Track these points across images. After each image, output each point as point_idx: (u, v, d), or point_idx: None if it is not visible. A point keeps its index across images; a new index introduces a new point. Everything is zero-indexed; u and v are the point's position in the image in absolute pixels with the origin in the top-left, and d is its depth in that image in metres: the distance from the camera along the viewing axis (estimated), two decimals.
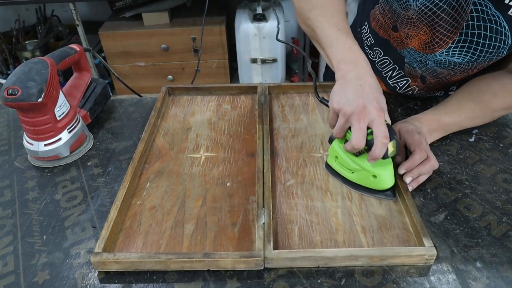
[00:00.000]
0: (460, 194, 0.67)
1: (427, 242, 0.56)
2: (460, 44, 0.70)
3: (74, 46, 0.83)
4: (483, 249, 0.58)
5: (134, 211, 0.65)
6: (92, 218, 0.65)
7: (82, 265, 0.58)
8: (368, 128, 0.59)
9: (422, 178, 0.67)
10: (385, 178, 0.64)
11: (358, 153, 0.64)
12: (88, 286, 0.55)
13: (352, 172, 0.66)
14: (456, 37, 0.69)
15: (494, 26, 0.65)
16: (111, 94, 0.94)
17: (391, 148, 0.60)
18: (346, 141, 0.63)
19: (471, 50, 0.70)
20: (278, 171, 0.71)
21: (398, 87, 0.89)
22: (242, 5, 2.31)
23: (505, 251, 0.58)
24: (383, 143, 0.57)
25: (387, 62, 0.86)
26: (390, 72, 0.87)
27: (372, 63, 0.76)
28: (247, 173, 0.71)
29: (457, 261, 0.57)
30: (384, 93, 0.64)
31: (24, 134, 0.76)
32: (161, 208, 0.65)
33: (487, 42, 0.67)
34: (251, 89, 0.94)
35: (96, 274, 0.57)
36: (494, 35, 0.66)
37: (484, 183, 0.69)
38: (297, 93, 0.93)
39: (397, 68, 0.85)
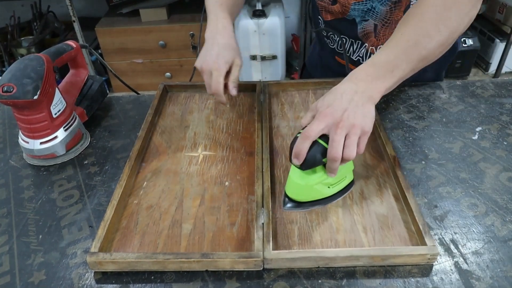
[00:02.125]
0: (463, 193, 0.67)
1: (430, 241, 0.56)
2: None
3: (71, 42, 0.83)
4: (487, 248, 0.58)
5: (131, 210, 0.65)
6: (89, 217, 0.65)
7: (79, 265, 0.58)
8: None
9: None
10: (289, 183, 0.64)
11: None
12: (85, 286, 0.55)
13: (328, 187, 0.64)
14: None
15: None
16: (108, 91, 0.94)
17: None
18: None
19: None
20: (278, 170, 0.72)
21: (361, 58, 0.92)
22: None
23: (509, 250, 0.58)
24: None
25: (345, 40, 0.92)
26: (351, 48, 0.91)
27: (335, 50, 0.87)
28: (246, 172, 0.71)
29: (460, 261, 0.57)
30: None
31: (20, 132, 0.76)
32: (158, 208, 0.65)
33: None
34: (250, 87, 0.93)
35: (93, 274, 0.57)
36: None
37: (487, 182, 0.69)
38: (297, 91, 0.93)
39: (354, 40, 0.90)
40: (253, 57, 2.28)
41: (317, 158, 0.58)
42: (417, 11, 0.66)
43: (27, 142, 0.74)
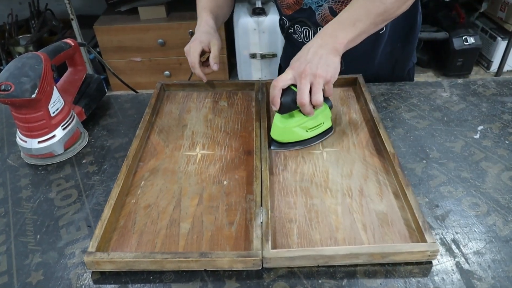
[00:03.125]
0: (465, 193, 0.67)
1: (430, 238, 0.56)
2: None
3: (69, 40, 0.83)
4: (489, 248, 0.58)
5: (129, 209, 0.65)
6: (87, 217, 0.65)
7: (77, 265, 0.58)
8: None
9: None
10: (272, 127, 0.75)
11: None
12: (83, 286, 0.55)
13: (307, 131, 0.76)
14: None
15: None
16: (106, 90, 0.94)
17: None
18: None
19: None
20: (276, 169, 0.72)
21: None
22: None
23: (511, 250, 0.58)
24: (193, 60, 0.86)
25: (307, 30, 0.96)
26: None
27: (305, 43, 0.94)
28: (244, 171, 0.72)
29: (462, 261, 0.57)
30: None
31: (17, 131, 0.76)
32: (156, 207, 0.66)
33: None
34: (248, 86, 0.94)
35: (91, 274, 0.57)
36: None
37: (489, 181, 0.69)
38: None
39: (315, 28, 0.93)
40: (253, 56, 2.28)
41: (290, 103, 0.70)
42: None
43: (25, 141, 0.75)
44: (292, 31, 1.01)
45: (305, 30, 0.95)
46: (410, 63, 1.05)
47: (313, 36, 0.92)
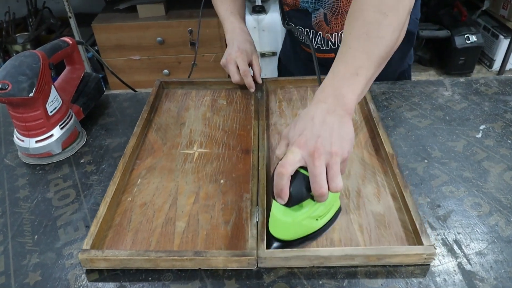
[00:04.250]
0: (467, 192, 0.67)
1: (426, 241, 0.56)
2: None
3: (67, 39, 0.83)
4: (491, 249, 0.58)
5: (124, 207, 0.66)
6: (85, 217, 0.66)
7: (75, 266, 0.58)
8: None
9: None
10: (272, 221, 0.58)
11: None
12: (81, 287, 0.56)
13: (316, 220, 0.59)
14: None
15: None
16: (104, 88, 0.95)
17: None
18: None
19: None
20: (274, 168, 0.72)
21: (320, 45, 0.96)
22: None
23: None
24: (246, 75, 0.89)
25: (301, 30, 0.96)
26: (307, 37, 0.93)
27: (297, 39, 1.02)
28: (242, 170, 0.72)
29: (464, 261, 0.57)
30: (325, 62, 0.70)
31: (15, 130, 0.76)
32: (152, 205, 0.66)
33: None
34: None
35: (89, 274, 0.57)
36: None
37: (491, 181, 0.69)
38: (295, 88, 0.93)
39: (309, 30, 0.94)
40: None
41: (303, 193, 0.54)
42: (355, 8, 0.62)
43: (22, 141, 0.75)
44: (290, 26, 1.02)
45: (299, 29, 0.96)
46: (405, 64, 1.04)
47: (306, 35, 0.93)
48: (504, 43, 2.49)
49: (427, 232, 0.57)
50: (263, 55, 2.27)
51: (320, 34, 0.93)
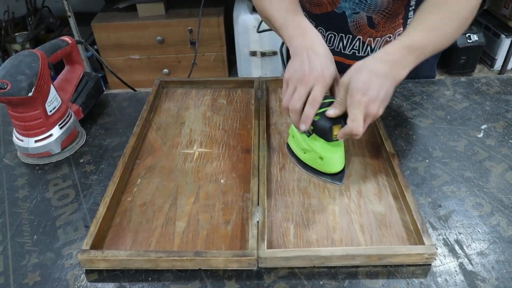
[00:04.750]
0: (468, 192, 0.67)
1: (428, 241, 0.56)
2: None
3: (66, 38, 0.83)
4: (492, 249, 0.58)
5: (124, 207, 0.66)
6: (84, 217, 0.66)
7: (74, 266, 0.58)
8: (321, 108, 0.63)
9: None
10: (332, 161, 0.67)
11: (309, 133, 0.67)
12: (81, 287, 0.56)
13: (304, 153, 0.70)
14: None
15: None
16: (104, 88, 0.95)
17: (335, 131, 0.63)
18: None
19: None
20: (274, 168, 0.72)
21: (357, 51, 0.91)
22: None
23: None
24: (310, 104, 0.63)
25: (333, 36, 0.90)
26: (341, 44, 0.90)
27: None
28: (242, 170, 0.72)
29: (465, 262, 0.57)
30: None
31: (14, 130, 0.76)
32: (152, 205, 0.66)
33: None
34: (247, 83, 0.94)
35: (89, 275, 0.57)
36: None
37: (493, 181, 0.69)
38: None
39: (344, 35, 0.89)
40: (253, 53, 2.28)
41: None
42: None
43: (22, 140, 0.75)
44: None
45: (330, 35, 0.90)
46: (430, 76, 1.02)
47: (339, 42, 0.88)
48: (505, 42, 2.48)
49: (428, 232, 0.57)
50: (263, 54, 2.27)
51: (360, 38, 0.90)
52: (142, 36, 2.28)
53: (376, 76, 0.60)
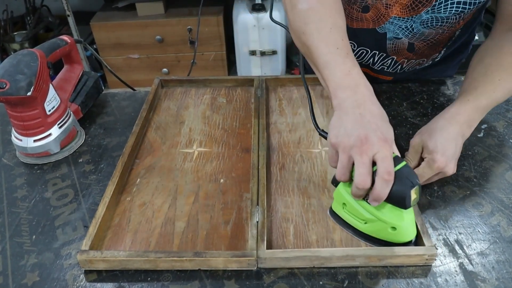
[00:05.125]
0: (468, 192, 0.67)
1: (428, 242, 0.56)
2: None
3: (65, 37, 0.83)
4: (493, 249, 0.58)
5: (123, 207, 0.66)
6: (83, 217, 0.66)
7: (73, 266, 0.58)
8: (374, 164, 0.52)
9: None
10: (406, 229, 0.56)
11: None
12: (80, 287, 0.56)
13: (365, 223, 0.57)
14: None
15: None
16: (103, 87, 0.94)
17: (413, 195, 0.52)
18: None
19: (455, 2, 0.72)
20: (274, 168, 0.72)
21: (386, 67, 0.90)
22: None
23: None
24: (385, 180, 0.51)
25: (364, 52, 0.87)
26: (371, 59, 0.88)
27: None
28: (242, 169, 0.72)
29: (465, 262, 0.57)
30: (376, 81, 0.63)
31: (13, 129, 0.76)
32: (151, 205, 0.66)
33: None
34: (247, 82, 0.94)
35: (88, 275, 0.57)
36: None
37: (493, 181, 0.69)
38: (296, 86, 0.93)
39: (377, 52, 0.86)
40: (253, 52, 2.27)
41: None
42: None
43: (20, 140, 0.75)
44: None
45: (362, 51, 0.86)
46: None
47: (370, 58, 0.86)
48: None
49: (428, 233, 0.57)
50: (263, 53, 2.27)
51: (393, 58, 0.89)
52: (142, 35, 2.28)
53: (450, 138, 0.64)
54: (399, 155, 0.56)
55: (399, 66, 0.89)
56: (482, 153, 0.75)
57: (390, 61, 0.88)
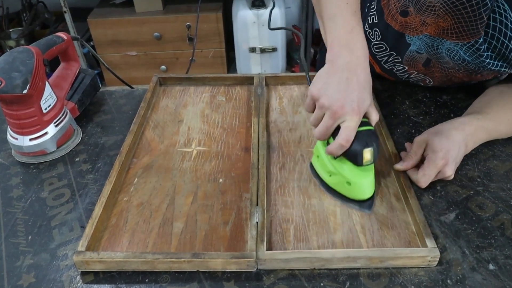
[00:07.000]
0: (472, 192, 0.67)
1: (430, 243, 0.56)
2: (476, 46, 0.70)
3: (61, 34, 0.83)
4: (496, 250, 0.58)
5: (121, 208, 0.66)
6: (80, 217, 0.65)
7: (70, 267, 0.58)
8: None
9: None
10: (361, 187, 0.62)
11: (337, 156, 0.62)
12: None
13: (330, 176, 0.65)
14: (480, 38, 0.69)
15: None
16: (100, 85, 0.94)
17: (367, 156, 0.59)
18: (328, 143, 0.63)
19: (487, 53, 0.71)
20: (274, 167, 0.72)
21: (395, 69, 0.89)
22: None
23: None
24: (341, 145, 0.58)
25: (383, 47, 0.86)
26: (386, 57, 0.88)
27: (368, 42, 0.77)
28: (241, 169, 0.72)
29: (469, 263, 0.57)
30: (380, 79, 0.63)
31: (8, 128, 0.76)
32: (149, 205, 0.66)
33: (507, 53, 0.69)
34: (247, 80, 0.94)
35: (84, 276, 0.57)
36: None
37: (497, 180, 0.69)
38: (296, 84, 0.93)
39: (394, 54, 0.85)
40: (252, 50, 2.27)
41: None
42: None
43: (16, 139, 0.75)
44: (370, 22, 0.86)
45: (382, 45, 0.86)
46: None
47: (384, 55, 0.86)
48: None
49: (431, 234, 0.57)
50: (263, 50, 2.27)
51: (405, 68, 0.87)
52: (139, 32, 2.27)
53: (455, 142, 0.67)
54: (376, 119, 0.63)
55: (407, 74, 0.88)
56: (486, 152, 0.74)
57: (401, 67, 0.87)
